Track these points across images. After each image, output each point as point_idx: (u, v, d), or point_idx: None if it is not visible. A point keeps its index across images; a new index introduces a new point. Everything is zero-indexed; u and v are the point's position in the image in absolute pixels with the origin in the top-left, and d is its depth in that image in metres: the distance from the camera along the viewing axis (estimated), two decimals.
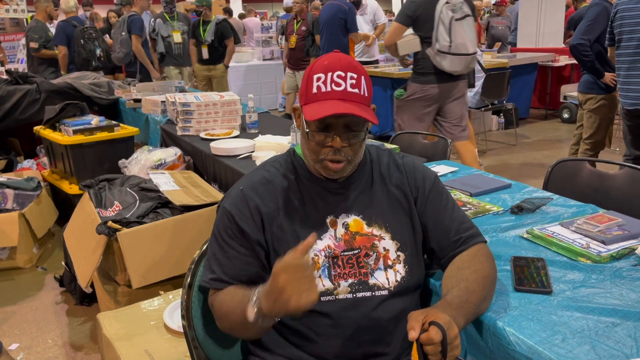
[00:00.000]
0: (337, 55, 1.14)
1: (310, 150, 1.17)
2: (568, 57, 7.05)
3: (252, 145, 2.66)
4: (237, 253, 1.18)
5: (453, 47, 3.18)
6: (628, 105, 3.18)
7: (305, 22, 6.15)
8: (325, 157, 1.14)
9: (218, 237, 1.21)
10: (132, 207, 2.41)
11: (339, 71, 1.11)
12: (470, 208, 1.74)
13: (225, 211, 1.20)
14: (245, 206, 1.18)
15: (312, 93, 1.13)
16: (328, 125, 1.12)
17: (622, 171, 2.04)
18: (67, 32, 5.68)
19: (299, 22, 6.22)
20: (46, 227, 3.42)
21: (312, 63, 1.17)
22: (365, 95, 1.13)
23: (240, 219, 1.18)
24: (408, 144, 2.76)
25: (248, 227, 1.17)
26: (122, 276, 2.29)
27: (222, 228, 1.20)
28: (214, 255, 1.20)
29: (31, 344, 2.47)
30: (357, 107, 1.10)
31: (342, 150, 1.13)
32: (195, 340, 1.28)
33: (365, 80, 1.14)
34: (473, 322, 1.15)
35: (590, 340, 1.02)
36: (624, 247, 1.36)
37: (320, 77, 1.12)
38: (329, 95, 1.11)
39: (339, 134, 1.12)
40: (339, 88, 1.10)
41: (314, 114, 1.09)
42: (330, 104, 1.09)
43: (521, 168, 5.06)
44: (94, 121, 3.44)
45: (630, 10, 3.07)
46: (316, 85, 1.12)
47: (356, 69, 1.13)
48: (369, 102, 1.15)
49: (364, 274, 1.18)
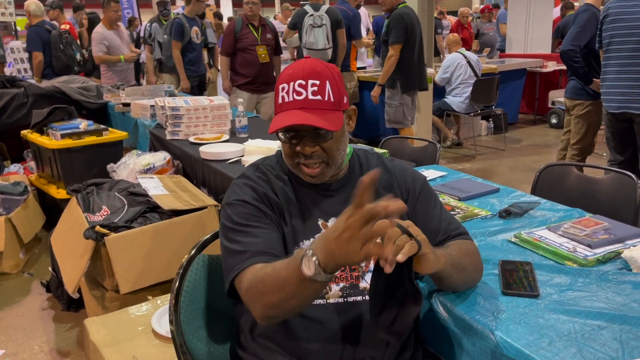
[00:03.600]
0: (302, 62, 1.15)
1: (285, 156, 1.20)
2: (556, 63, 7.13)
3: (241, 150, 2.66)
4: (265, 231, 1.12)
5: (308, 44, 4.92)
6: (613, 109, 3.21)
7: (266, 28, 4.81)
8: (300, 161, 1.17)
9: (236, 227, 1.13)
10: (120, 211, 2.39)
11: (300, 80, 1.12)
12: (459, 212, 1.75)
13: (236, 201, 1.16)
14: (255, 194, 1.18)
15: (278, 103, 1.15)
16: (296, 132, 1.14)
17: (608, 176, 2.06)
18: (42, 37, 5.44)
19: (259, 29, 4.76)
20: (33, 232, 3.39)
21: (281, 73, 1.19)
22: (329, 101, 1.13)
23: (255, 201, 1.16)
24: (397, 149, 2.77)
25: (264, 208, 1.16)
26: (109, 281, 2.27)
27: (238, 217, 1.14)
28: (237, 244, 1.10)
29: (17, 351, 2.43)
30: (316, 115, 1.11)
31: (314, 154, 1.15)
32: (184, 346, 1.27)
33: (331, 84, 1.13)
34: (461, 326, 1.16)
35: (576, 343, 1.03)
36: (610, 251, 1.37)
37: (284, 87, 1.14)
38: (291, 105, 1.12)
39: (306, 140, 1.14)
40: (300, 97, 1.12)
41: (274, 126, 1.12)
42: (290, 114, 1.11)
43: (510, 173, 5.09)
44: (82, 125, 3.41)
45: (624, 14, 3.09)
46: (281, 95, 1.14)
47: (319, 75, 1.13)
48: (335, 106, 1.14)
49: (356, 277, 1.19)
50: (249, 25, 4.74)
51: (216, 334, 1.35)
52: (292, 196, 1.21)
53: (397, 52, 4.28)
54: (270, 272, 1.00)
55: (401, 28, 4.21)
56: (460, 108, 5.69)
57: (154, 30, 5.73)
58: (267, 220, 1.15)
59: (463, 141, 6.21)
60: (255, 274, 1.04)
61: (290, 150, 1.17)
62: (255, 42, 4.73)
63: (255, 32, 4.73)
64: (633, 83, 3.08)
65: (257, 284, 1.02)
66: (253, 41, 4.72)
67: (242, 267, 1.07)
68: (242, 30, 4.72)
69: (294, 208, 1.20)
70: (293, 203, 1.20)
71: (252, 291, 1.04)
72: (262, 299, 1.01)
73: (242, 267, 1.07)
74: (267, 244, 1.10)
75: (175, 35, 5.13)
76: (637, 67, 3.05)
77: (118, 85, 5.05)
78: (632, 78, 3.08)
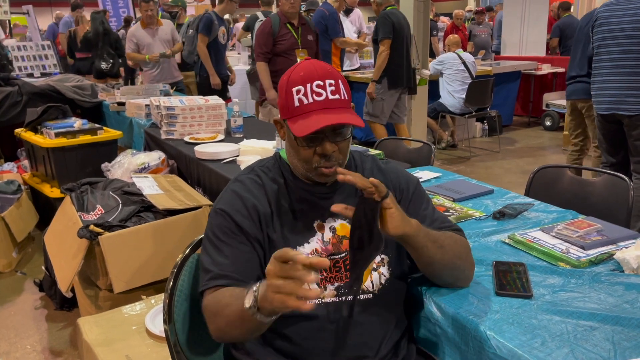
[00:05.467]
0: (310, 63, 1.15)
1: (301, 160, 1.17)
2: (550, 66, 7.17)
3: (236, 150, 2.66)
4: (236, 251, 1.14)
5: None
6: (603, 110, 3.24)
7: (307, 28, 4.13)
8: (319, 165, 1.15)
9: (213, 240, 1.16)
10: (114, 210, 2.39)
11: (318, 80, 1.11)
12: (453, 213, 1.75)
13: (221, 211, 1.17)
14: (242, 205, 1.17)
15: (295, 106, 1.13)
16: (315, 135, 1.12)
17: (601, 178, 2.07)
18: None
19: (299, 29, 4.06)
20: (26, 231, 3.37)
21: (286, 74, 1.16)
22: (345, 99, 1.14)
23: (237, 216, 1.16)
24: (392, 150, 2.78)
25: (246, 224, 1.16)
26: (103, 280, 2.26)
27: (218, 229, 1.16)
28: (210, 258, 1.15)
29: (9, 350, 2.42)
30: (341, 113, 1.11)
31: (333, 155, 1.14)
32: (177, 345, 1.27)
33: (343, 83, 1.15)
34: (454, 326, 1.17)
35: (569, 343, 1.03)
36: (603, 252, 1.38)
37: (300, 90, 1.12)
38: (312, 106, 1.11)
39: (326, 141, 1.13)
40: (320, 98, 1.11)
41: (303, 130, 1.09)
42: (316, 117, 1.10)
43: (504, 174, 5.11)
44: (76, 124, 3.40)
45: (612, 18, 3.13)
46: (297, 98, 1.12)
47: (332, 75, 1.13)
48: (349, 104, 1.16)
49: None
50: (287, 25, 3.99)
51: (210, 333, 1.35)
52: (286, 200, 1.21)
53: (387, 47, 4.47)
54: (227, 296, 1.06)
55: (388, 25, 4.44)
56: (455, 109, 5.70)
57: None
58: (243, 239, 1.15)
59: (458, 143, 6.23)
60: (215, 295, 1.10)
61: (309, 154, 1.15)
62: (294, 45, 3.98)
63: (294, 32, 4.00)
64: (621, 85, 3.11)
65: (213, 304, 1.09)
66: (293, 44, 3.98)
67: (206, 286, 1.13)
68: (280, 31, 3.97)
69: (287, 213, 1.20)
70: (286, 208, 1.20)
71: (210, 310, 1.10)
72: (214, 320, 1.09)
73: (206, 286, 1.13)
74: (233, 266, 1.12)
75: (204, 29, 4.81)
76: (625, 69, 3.09)
77: (113, 84, 5.04)
78: (621, 80, 3.12)
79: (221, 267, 1.12)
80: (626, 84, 3.10)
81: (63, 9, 6.83)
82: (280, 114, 1.19)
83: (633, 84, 3.07)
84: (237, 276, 1.11)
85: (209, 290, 1.12)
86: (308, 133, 1.08)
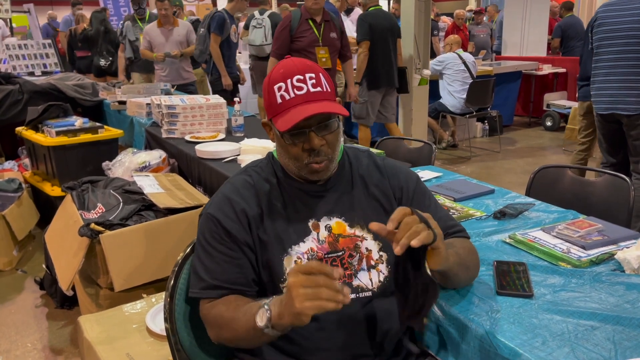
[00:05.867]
0: (290, 60, 1.16)
1: (291, 159, 1.17)
2: (551, 66, 7.17)
3: (237, 149, 2.65)
4: (227, 257, 1.15)
5: (250, 41, 5.56)
6: (602, 110, 3.25)
7: (330, 25, 3.96)
8: (309, 161, 1.15)
9: (204, 245, 1.17)
10: (115, 209, 2.39)
11: (298, 75, 1.12)
12: (454, 213, 1.75)
13: (210, 216, 1.18)
14: (231, 209, 1.17)
15: (277, 104, 1.13)
16: (301, 130, 1.13)
17: (602, 178, 2.08)
18: None
19: (322, 25, 3.90)
20: (27, 229, 3.37)
21: (268, 75, 1.17)
22: (328, 91, 1.14)
23: (226, 222, 1.16)
24: (393, 149, 2.78)
25: (235, 229, 1.16)
26: (104, 279, 2.26)
27: (208, 234, 1.17)
28: (201, 264, 1.17)
29: (10, 348, 2.42)
30: (323, 104, 1.12)
31: (321, 150, 1.14)
32: (178, 344, 1.27)
33: (324, 76, 1.15)
34: (456, 325, 1.17)
35: (569, 343, 1.04)
36: (604, 252, 1.38)
37: (281, 87, 1.12)
38: (294, 101, 1.12)
39: (312, 135, 1.13)
40: (302, 92, 1.12)
41: (285, 124, 1.10)
42: (298, 109, 1.11)
43: (504, 174, 5.11)
44: (77, 123, 3.40)
45: (611, 18, 3.14)
46: (279, 95, 1.13)
47: (312, 69, 1.14)
48: (333, 97, 1.16)
49: (348, 275, 1.19)
50: (309, 21, 3.81)
51: None
52: (279, 200, 1.20)
53: (366, 49, 4.51)
54: (232, 310, 1.09)
55: (364, 26, 4.50)
56: (456, 109, 5.70)
57: (126, 29, 5.54)
58: (233, 245, 1.16)
59: (458, 143, 6.23)
60: (214, 307, 1.14)
61: (297, 151, 1.15)
62: (315, 42, 3.81)
63: (316, 29, 3.81)
64: (620, 84, 3.12)
65: (220, 315, 1.12)
66: (313, 41, 3.81)
67: (200, 296, 1.16)
68: (299, 27, 3.80)
69: (281, 212, 1.19)
70: (279, 208, 1.19)
71: (214, 321, 1.14)
72: (219, 330, 1.13)
73: (200, 295, 1.16)
74: (225, 275, 1.15)
75: (216, 28, 4.74)
76: (624, 69, 3.10)
77: (114, 83, 5.03)
78: (619, 79, 3.12)
79: (213, 274, 1.15)
80: (625, 83, 3.10)
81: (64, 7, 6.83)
82: (267, 116, 1.19)
83: (632, 83, 3.07)
84: (229, 286, 1.14)
85: (204, 300, 1.17)
86: (291, 126, 1.09)
